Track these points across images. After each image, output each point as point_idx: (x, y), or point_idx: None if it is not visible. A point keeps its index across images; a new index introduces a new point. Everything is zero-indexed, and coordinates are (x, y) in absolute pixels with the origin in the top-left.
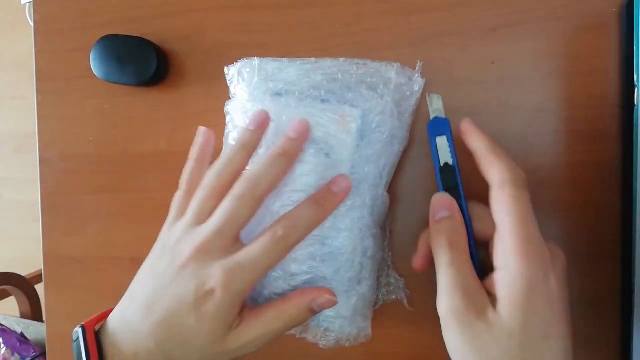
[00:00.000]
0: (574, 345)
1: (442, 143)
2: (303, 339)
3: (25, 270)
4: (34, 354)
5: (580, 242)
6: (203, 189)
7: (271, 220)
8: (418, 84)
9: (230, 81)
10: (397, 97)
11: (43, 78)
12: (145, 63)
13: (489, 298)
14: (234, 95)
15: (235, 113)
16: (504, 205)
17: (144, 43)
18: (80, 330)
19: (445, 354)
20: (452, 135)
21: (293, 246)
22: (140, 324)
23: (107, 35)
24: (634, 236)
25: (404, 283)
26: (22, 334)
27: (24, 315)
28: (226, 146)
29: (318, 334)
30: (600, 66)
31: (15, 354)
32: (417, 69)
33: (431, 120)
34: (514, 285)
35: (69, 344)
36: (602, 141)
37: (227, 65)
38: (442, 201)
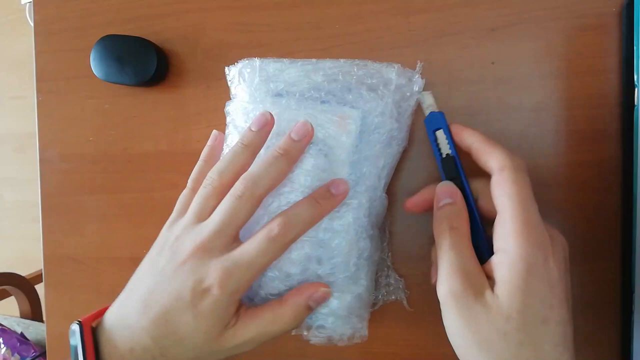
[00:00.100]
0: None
1: (441, 136)
2: (299, 335)
3: (25, 270)
4: (34, 354)
5: (580, 242)
6: (204, 188)
7: (269, 220)
8: (418, 84)
9: (230, 81)
10: (397, 98)
11: (43, 78)
12: (145, 63)
13: (489, 281)
14: (234, 95)
15: (236, 114)
16: (503, 188)
17: (144, 43)
18: (77, 327)
19: (445, 354)
20: (449, 127)
21: (289, 244)
22: (137, 320)
23: (107, 35)
24: (634, 236)
25: (404, 283)
26: (22, 334)
27: (24, 315)
28: (226, 147)
29: (311, 330)
30: (600, 66)
31: (15, 354)
32: (417, 69)
33: (427, 116)
34: (512, 267)
35: (68, 344)
36: (602, 141)
37: (228, 66)
38: (445, 189)
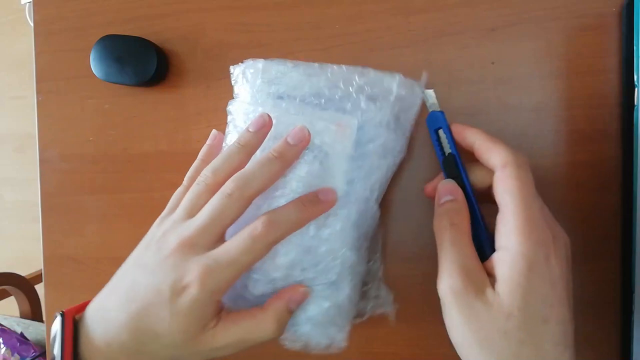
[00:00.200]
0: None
1: (442, 135)
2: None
3: (25, 270)
4: (34, 354)
5: (580, 242)
6: (197, 185)
7: None
8: (420, 96)
9: (234, 81)
10: (396, 110)
11: (43, 78)
12: (145, 63)
13: (490, 279)
14: (237, 95)
15: (237, 113)
16: (506, 185)
17: (144, 43)
18: (59, 317)
19: (445, 354)
20: (449, 126)
21: (272, 244)
22: (116, 314)
23: (107, 35)
24: (634, 236)
25: (394, 297)
26: (22, 334)
27: (23, 315)
28: (225, 145)
29: (288, 335)
30: (600, 66)
31: (15, 354)
32: (422, 80)
33: (429, 115)
34: (513, 265)
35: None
36: (602, 141)
37: (232, 65)
38: (447, 187)
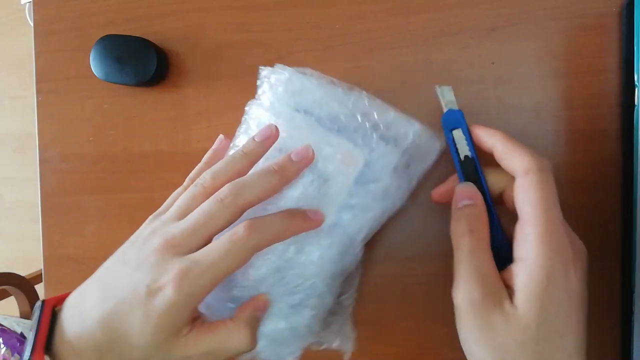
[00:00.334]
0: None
1: (459, 135)
2: None
3: (25, 270)
4: None
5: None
6: (194, 187)
7: None
8: (435, 152)
9: (260, 82)
10: (408, 157)
11: (43, 78)
12: (145, 63)
13: (507, 290)
14: (259, 97)
15: (252, 116)
16: (527, 193)
17: (144, 43)
18: (39, 306)
19: (446, 355)
20: (468, 127)
21: (252, 251)
22: (91, 308)
23: (107, 35)
24: (634, 236)
25: (355, 337)
26: (22, 334)
27: (23, 315)
28: (231, 149)
29: None
30: (600, 66)
31: (15, 354)
32: (438, 141)
33: (445, 113)
34: (532, 277)
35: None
36: (602, 141)
37: (262, 65)
38: (465, 190)
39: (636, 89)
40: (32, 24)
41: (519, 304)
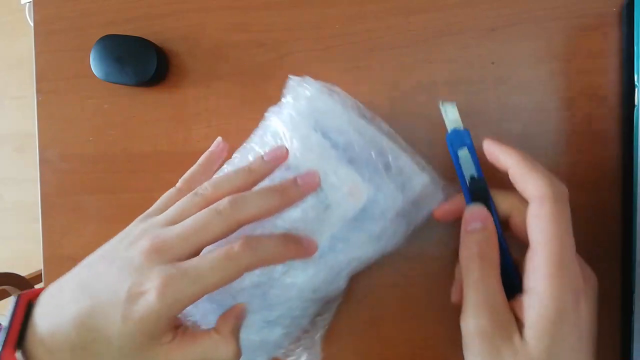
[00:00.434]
0: None
1: (465, 155)
2: None
3: (25, 270)
4: None
5: (581, 242)
6: (194, 195)
7: None
8: (437, 202)
9: (286, 90)
10: (408, 205)
11: (43, 78)
12: (145, 63)
13: (517, 322)
14: (281, 105)
15: (269, 124)
16: (541, 223)
17: (144, 43)
18: (14, 300)
19: (445, 355)
20: (474, 146)
21: (244, 269)
22: (68, 304)
23: (107, 35)
24: (634, 236)
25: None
26: None
27: None
28: (240, 150)
29: None
30: (600, 66)
31: None
32: (443, 188)
33: (450, 133)
34: (543, 313)
35: None
36: (602, 141)
37: (291, 75)
38: (476, 212)
39: (636, 89)
40: (32, 24)
41: (528, 339)
